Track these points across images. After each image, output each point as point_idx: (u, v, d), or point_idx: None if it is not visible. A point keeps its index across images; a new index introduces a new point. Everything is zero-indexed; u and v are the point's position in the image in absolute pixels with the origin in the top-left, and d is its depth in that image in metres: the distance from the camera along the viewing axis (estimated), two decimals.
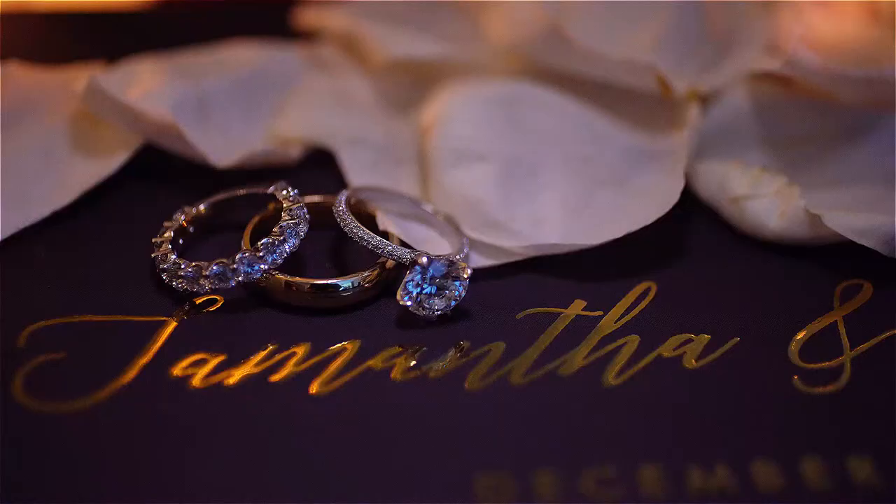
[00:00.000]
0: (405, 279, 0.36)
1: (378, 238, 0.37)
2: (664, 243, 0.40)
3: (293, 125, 0.43)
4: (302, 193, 0.39)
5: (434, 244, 0.39)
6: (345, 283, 0.37)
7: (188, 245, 0.39)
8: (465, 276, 0.37)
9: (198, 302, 0.37)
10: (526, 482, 0.32)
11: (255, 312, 0.37)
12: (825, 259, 0.39)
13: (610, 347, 0.36)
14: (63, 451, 0.32)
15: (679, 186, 0.38)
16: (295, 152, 0.43)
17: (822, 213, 0.38)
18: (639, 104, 0.42)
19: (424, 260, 0.36)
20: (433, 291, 0.37)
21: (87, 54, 0.46)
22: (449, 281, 0.37)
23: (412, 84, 0.44)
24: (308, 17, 0.48)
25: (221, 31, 0.47)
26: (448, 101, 0.41)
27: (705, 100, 0.42)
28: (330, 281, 0.37)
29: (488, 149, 0.40)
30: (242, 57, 0.45)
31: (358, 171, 0.41)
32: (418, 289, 0.36)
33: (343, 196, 0.38)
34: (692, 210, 0.41)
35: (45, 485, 0.32)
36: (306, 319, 0.37)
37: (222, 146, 0.41)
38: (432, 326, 0.37)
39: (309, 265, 0.39)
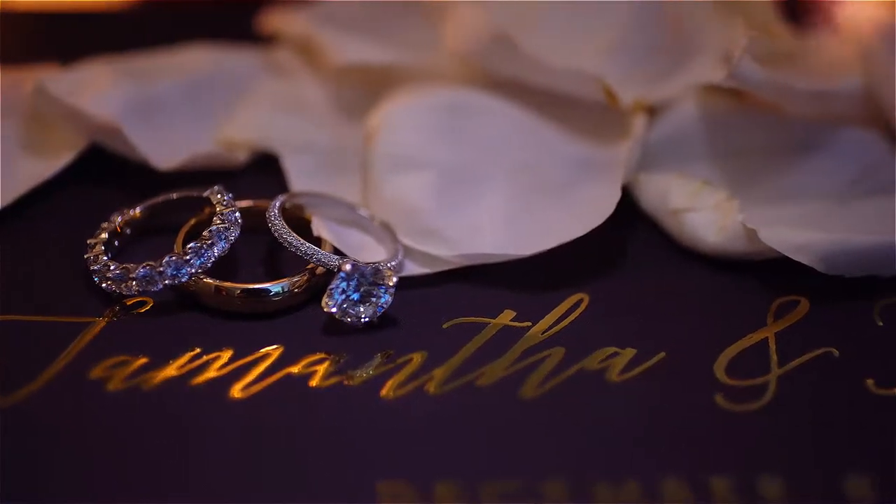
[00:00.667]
0: (330, 286, 0.36)
1: (307, 244, 0.37)
2: (603, 255, 0.39)
3: (241, 129, 0.43)
4: (245, 198, 0.39)
5: (370, 251, 0.39)
6: (275, 287, 0.37)
7: (124, 247, 0.39)
8: (391, 283, 0.36)
9: (128, 303, 0.37)
10: (428, 491, 0.32)
11: (184, 315, 0.37)
12: (764, 274, 0.38)
13: (533, 359, 0.36)
14: None
15: (615, 198, 0.38)
16: (241, 156, 0.43)
17: (759, 228, 0.37)
18: (587, 114, 0.42)
19: (348, 267, 0.36)
20: (358, 299, 0.36)
21: (51, 54, 0.46)
22: (375, 288, 0.36)
23: (366, 90, 0.44)
24: (271, 21, 0.47)
25: (187, 34, 0.47)
26: (392, 108, 0.41)
27: (653, 111, 0.42)
28: (259, 286, 0.37)
29: (428, 156, 0.40)
30: (197, 60, 0.45)
31: (301, 177, 0.41)
32: (343, 296, 0.36)
33: (278, 201, 0.38)
34: (635, 222, 0.41)
35: None
36: (234, 324, 0.37)
37: (169, 148, 0.41)
38: (358, 334, 0.37)
39: (243, 269, 0.39)
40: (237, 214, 0.38)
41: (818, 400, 0.35)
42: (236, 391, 0.35)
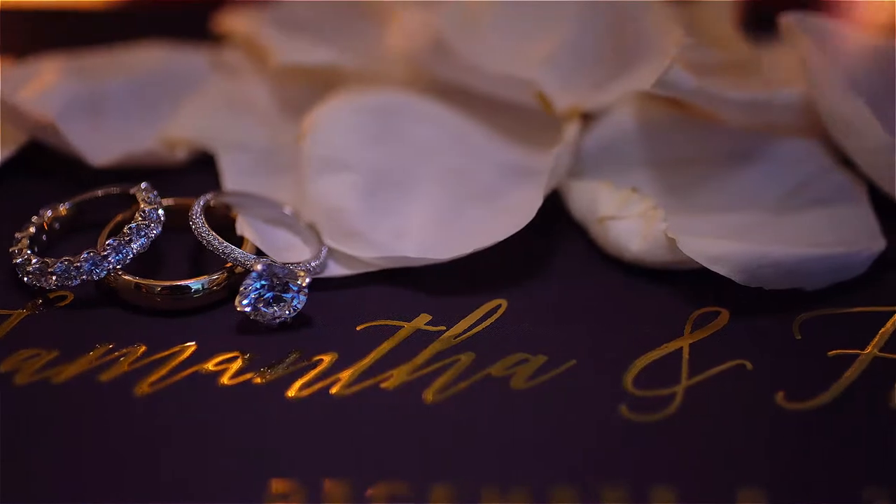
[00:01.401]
0: (242, 285, 0.36)
1: (225, 243, 0.37)
2: (528, 261, 0.39)
3: (182, 127, 0.43)
4: (187, 197, 0.39)
5: (294, 251, 0.39)
6: (194, 285, 0.37)
7: (53, 242, 0.39)
8: (304, 284, 0.36)
9: (51, 297, 0.38)
10: (317, 491, 0.32)
11: (102, 311, 0.37)
12: (687, 284, 0.38)
13: (441, 364, 0.36)
14: None
15: (536, 204, 0.38)
16: (181, 155, 0.43)
17: (679, 237, 0.37)
18: (524, 120, 0.42)
19: (259, 267, 0.36)
20: (272, 299, 0.36)
21: (12, 50, 0.47)
22: (288, 289, 0.36)
23: (310, 90, 0.44)
24: (226, 21, 0.48)
25: (151, 32, 0.48)
26: (324, 109, 0.41)
27: (590, 117, 0.42)
28: (179, 283, 0.37)
29: (356, 158, 0.40)
30: (147, 58, 0.45)
31: (236, 176, 0.41)
32: (255, 294, 0.36)
33: (202, 200, 0.38)
34: (565, 229, 0.40)
35: None
36: (150, 320, 0.37)
37: (109, 145, 0.42)
38: (272, 333, 0.37)
39: (167, 267, 0.39)
40: (160, 212, 0.38)
41: (723, 412, 0.34)
42: (144, 387, 0.35)
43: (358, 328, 0.37)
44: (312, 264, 0.38)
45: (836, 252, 0.37)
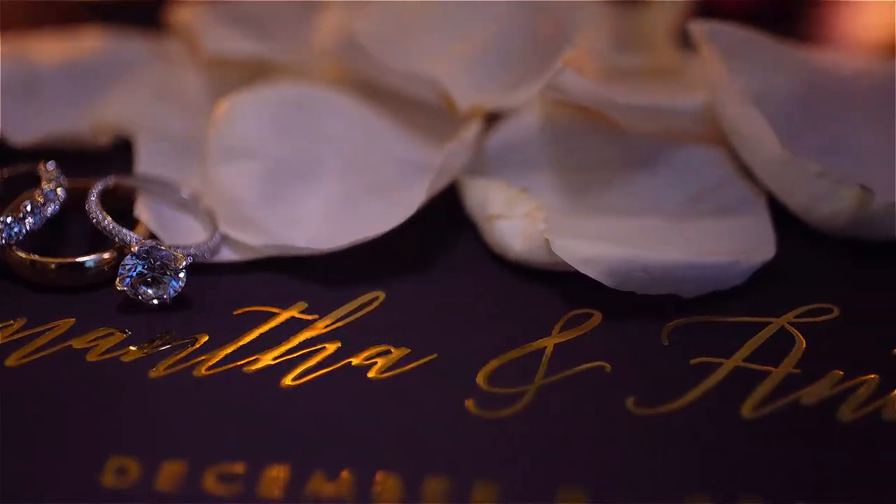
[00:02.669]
0: (121, 265, 0.37)
1: (113, 224, 0.38)
2: (416, 255, 0.40)
3: (108, 112, 0.44)
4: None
5: (189, 235, 0.40)
6: (88, 262, 0.38)
7: None
8: (181, 266, 0.37)
9: None
10: (153, 470, 0.33)
11: None
12: (568, 285, 0.38)
13: (305, 351, 0.36)
14: None
15: (419, 200, 0.38)
16: (104, 139, 0.44)
17: (553, 238, 0.37)
18: (434, 118, 0.42)
19: (136, 248, 0.37)
20: (150, 279, 0.37)
21: None
22: (167, 270, 0.37)
23: (240, 82, 0.45)
24: (175, 12, 0.49)
25: (95, 21, 0.49)
26: (235, 99, 0.42)
27: (496, 118, 0.42)
28: (71, 260, 0.38)
29: (259, 148, 0.41)
30: (85, 44, 0.46)
31: (150, 162, 0.42)
32: (133, 274, 0.37)
33: (103, 182, 0.40)
34: (461, 226, 0.41)
35: None
36: (34, 296, 0.38)
37: (35, 127, 0.43)
38: (151, 313, 0.38)
39: (69, 245, 0.40)
40: (59, 191, 0.39)
41: (566, 413, 0.34)
42: (12, 360, 0.36)
43: (236, 313, 0.38)
44: (200, 249, 0.38)
45: (711, 261, 0.37)
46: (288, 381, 0.35)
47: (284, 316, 0.37)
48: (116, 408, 0.35)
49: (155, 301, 0.37)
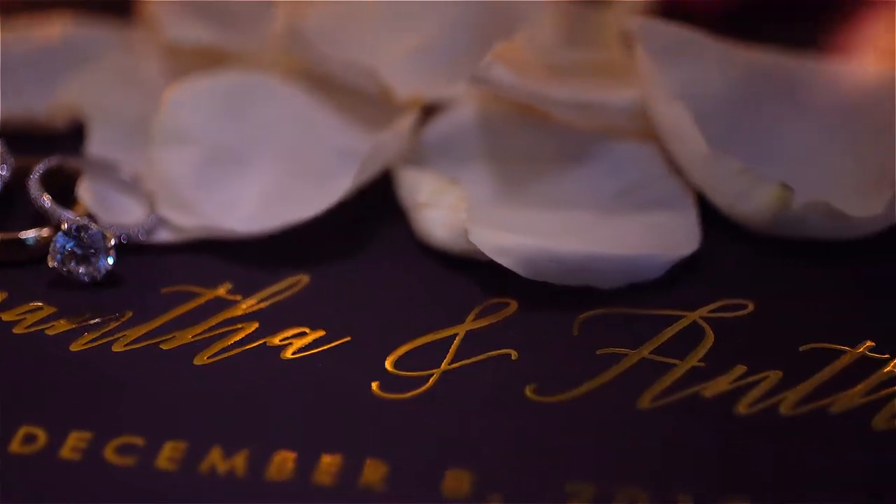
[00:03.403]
0: (51, 242, 0.39)
1: (49, 201, 0.40)
2: (346, 242, 0.41)
3: (65, 95, 0.45)
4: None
5: (128, 216, 0.41)
6: (27, 238, 0.40)
7: None
8: (110, 244, 0.39)
9: None
10: (59, 439, 0.34)
11: None
12: (489, 274, 0.39)
13: (223, 330, 0.37)
14: None
15: (343, 188, 0.39)
16: (60, 122, 0.45)
17: (471, 228, 0.38)
18: (375, 108, 0.43)
19: (65, 226, 0.39)
20: (80, 256, 0.39)
21: None
22: (97, 249, 0.39)
23: (199, 69, 0.46)
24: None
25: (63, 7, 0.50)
26: (182, 86, 0.43)
27: (434, 109, 0.43)
28: (11, 236, 0.40)
29: (199, 133, 0.42)
30: (50, 29, 0.48)
31: (101, 144, 0.44)
32: (64, 251, 0.39)
33: (47, 162, 0.41)
34: (394, 214, 0.42)
35: None
36: None
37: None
38: (82, 290, 0.39)
39: (17, 221, 0.41)
40: (3, 169, 0.40)
41: (464, 397, 0.35)
42: None
43: (163, 291, 0.39)
44: (134, 229, 0.40)
45: (627, 254, 0.38)
46: (202, 359, 0.36)
47: (209, 296, 0.38)
48: (34, 379, 0.36)
49: (85, 278, 0.39)
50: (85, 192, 0.41)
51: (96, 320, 0.38)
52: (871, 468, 0.33)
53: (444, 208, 0.39)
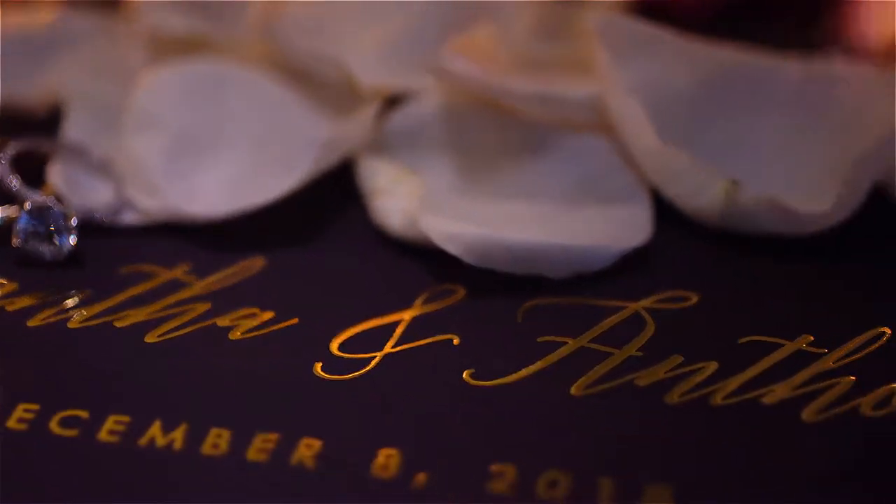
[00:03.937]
0: (15, 222, 0.40)
1: (15, 182, 0.41)
2: (305, 227, 0.42)
3: (46, 81, 0.47)
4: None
5: (100, 198, 0.42)
6: None
7: None
8: (72, 225, 0.40)
9: None
10: (6, 412, 0.35)
11: None
12: (442, 261, 0.39)
13: (175, 311, 0.38)
14: None
15: (301, 175, 0.40)
16: (41, 107, 0.47)
17: (422, 215, 0.39)
18: (342, 98, 0.44)
19: (28, 206, 0.40)
20: (43, 235, 0.40)
21: None
22: (59, 229, 0.40)
23: (179, 57, 0.47)
24: None
25: None
26: (156, 73, 0.44)
27: (400, 100, 0.44)
28: None
29: (170, 120, 0.43)
30: (34, 18, 0.49)
31: (77, 128, 0.45)
32: (27, 231, 0.40)
33: (16, 144, 0.42)
34: (352, 201, 0.43)
35: None
36: None
37: None
38: (46, 269, 0.40)
39: None
40: None
41: (404, 380, 0.36)
42: None
43: (122, 270, 0.40)
44: (99, 211, 0.41)
45: (575, 244, 0.38)
46: (153, 337, 0.37)
47: (167, 276, 0.40)
48: None
49: (48, 257, 0.40)
50: (55, 174, 0.42)
51: (55, 297, 0.39)
52: (797, 459, 0.34)
53: (400, 197, 0.40)
